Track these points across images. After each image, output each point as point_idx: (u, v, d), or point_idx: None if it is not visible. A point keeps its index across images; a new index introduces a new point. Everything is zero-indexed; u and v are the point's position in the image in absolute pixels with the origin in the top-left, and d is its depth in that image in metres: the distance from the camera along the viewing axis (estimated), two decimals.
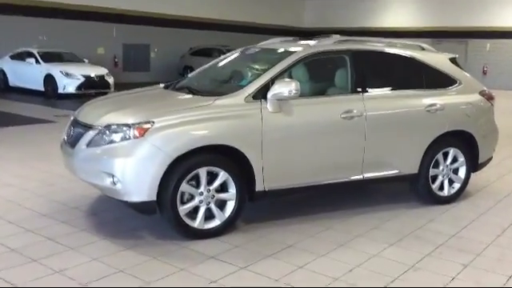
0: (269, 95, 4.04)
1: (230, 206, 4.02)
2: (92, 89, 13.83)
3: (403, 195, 5.26)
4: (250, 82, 4.18)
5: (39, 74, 14.06)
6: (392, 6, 27.80)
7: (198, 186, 3.88)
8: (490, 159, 5.45)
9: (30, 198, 4.78)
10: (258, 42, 5.61)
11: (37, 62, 14.32)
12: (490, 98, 5.29)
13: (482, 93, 5.24)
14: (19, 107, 11.91)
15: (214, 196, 3.93)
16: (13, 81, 14.92)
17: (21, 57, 14.78)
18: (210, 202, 3.92)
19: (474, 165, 5.20)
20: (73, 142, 4.01)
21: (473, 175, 5.30)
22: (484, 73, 25.61)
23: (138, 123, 3.69)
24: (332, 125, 4.35)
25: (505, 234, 4.30)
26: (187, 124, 3.75)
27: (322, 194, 5.06)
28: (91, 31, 19.69)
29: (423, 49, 5.22)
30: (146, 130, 3.66)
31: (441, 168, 4.99)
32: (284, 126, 4.13)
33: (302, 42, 4.90)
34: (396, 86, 4.82)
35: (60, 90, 13.71)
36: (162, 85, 4.92)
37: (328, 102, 4.44)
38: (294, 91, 3.99)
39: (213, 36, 22.94)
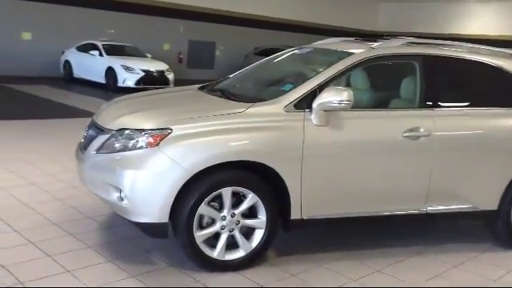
0: (314, 105, 3.32)
1: (259, 235, 3.35)
2: (151, 84, 13.62)
3: (475, 235, 4.34)
4: (293, 87, 3.48)
5: (101, 66, 14.08)
6: (478, 12, 25.73)
7: (220, 208, 3.24)
8: None
9: (46, 202, 4.36)
10: None
11: (100, 54, 14.37)
12: None
13: None
14: (78, 99, 11.89)
15: (239, 222, 3.28)
16: (77, 72, 15.08)
17: (86, 49, 14.90)
18: (233, 229, 3.27)
19: None
20: (85, 146, 3.50)
21: None
22: None
23: (154, 129, 3.10)
24: (391, 145, 3.56)
25: None
26: (211, 134, 3.12)
27: (374, 226, 4.26)
28: (158, 27, 19.74)
29: None
30: (162, 138, 3.07)
31: None
32: (331, 142, 3.39)
33: (364, 43, 4.12)
34: (476, 102, 3.92)
35: (120, 84, 13.64)
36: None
37: (388, 117, 3.64)
38: (345, 101, 3.25)
39: (279, 36, 22.30)
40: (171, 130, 3.08)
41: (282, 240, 3.77)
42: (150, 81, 13.83)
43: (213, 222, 3.25)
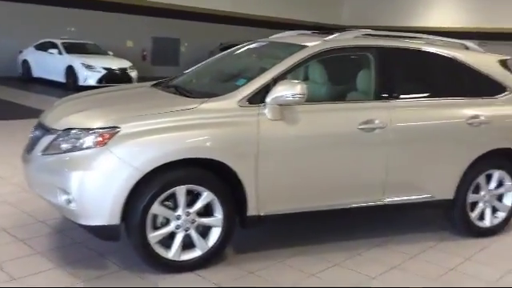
0: (268, 99, 3.27)
1: (215, 234, 3.27)
2: (113, 82, 13.27)
3: (434, 224, 4.39)
4: (247, 82, 3.41)
5: (61, 65, 13.70)
6: (437, 4, 26.26)
7: (175, 207, 3.16)
8: None
9: None
10: None
11: (59, 52, 13.98)
12: None
13: None
14: (36, 99, 11.52)
15: (194, 221, 3.20)
16: (36, 71, 14.63)
17: (44, 47, 14.46)
18: (189, 228, 3.19)
19: None
20: (31, 147, 3.34)
21: None
22: None
23: (101, 128, 2.98)
24: (347, 137, 3.54)
25: None
26: (162, 132, 3.02)
27: (333, 219, 4.24)
28: (121, 24, 19.34)
29: (467, 48, 4.32)
30: (110, 137, 2.95)
31: (482, 193, 4.09)
32: (286, 137, 3.34)
33: (319, 36, 4.07)
34: (431, 93, 3.96)
35: (81, 83, 13.28)
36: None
37: (343, 110, 3.62)
38: (298, 95, 3.21)
39: (244, 32, 22.17)
40: (120, 128, 2.97)
41: (241, 237, 3.72)
42: (113, 79, 13.50)
43: (167, 221, 3.16)
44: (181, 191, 3.10)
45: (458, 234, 4.15)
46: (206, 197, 3.18)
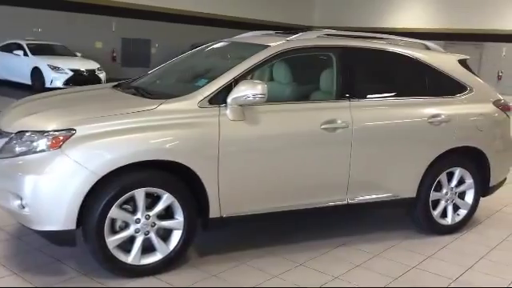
0: (229, 99, 3.24)
1: (176, 237, 3.22)
2: (81, 84, 12.95)
3: (399, 222, 4.43)
4: (207, 82, 3.37)
5: (26, 66, 13.39)
6: (407, 6, 26.71)
7: (134, 211, 3.09)
8: (504, 181, 4.60)
9: None
10: None
11: (25, 54, 13.66)
12: (506, 108, 4.43)
13: (496, 102, 4.38)
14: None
15: (154, 224, 3.14)
16: (1, 73, 14.25)
17: (9, 49, 14.11)
18: (149, 232, 3.13)
19: (484, 188, 4.35)
20: None
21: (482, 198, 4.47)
22: (499, 78, 24.58)
23: (56, 131, 2.90)
24: (309, 137, 3.53)
25: None
26: (119, 133, 2.95)
27: (298, 219, 4.24)
28: (89, 24, 19.01)
29: (428, 48, 4.38)
30: (65, 139, 2.87)
31: (444, 191, 4.15)
32: (248, 137, 3.32)
33: (283, 36, 4.06)
34: (393, 93, 3.99)
35: (47, 85, 13.00)
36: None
37: (306, 110, 3.61)
38: (259, 95, 3.19)
39: (216, 32, 22.03)
40: (75, 130, 2.89)
41: (206, 239, 3.69)
42: (80, 80, 13.24)
43: (126, 225, 3.09)
44: (140, 194, 3.04)
45: (422, 232, 4.20)
46: (165, 199, 3.13)
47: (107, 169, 2.89)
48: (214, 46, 4.33)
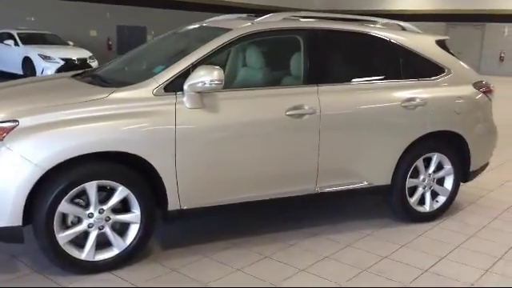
0: (185, 86, 3.09)
1: (134, 231, 3.10)
2: None
3: (377, 210, 4.29)
4: (164, 69, 3.22)
5: (17, 56, 13.28)
6: None
7: (87, 205, 2.97)
8: (486, 166, 4.44)
9: None
10: None
11: (16, 43, 13.53)
12: (487, 90, 4.25)
13: (477, 84, 4.20)
14: None
15: (109, 218, 3.02)
16: None
17: (1, 38, 13.97)
18: (103, 226, 3.01)
19: (464, 173, 4.19)
20: None
21: (463, 184, 4.33)
22: (501, 59, 24.21)
23: None
24: (274, 125, 3.38)
25: (495, 269, 3.32)
26: (65, 124, 2.81)
27: (269, 209, 4.10)
28: (83, 12, 18.85)
29: (403, 29, 4.19)
30: (7, 131, 2.73)
31: (421, 178, 4.00)
32: (207, 126, 3.17)
33: (252, 19, 3.88)
34: (364, 76, 3.81)
35: (38, 74, 12.87)
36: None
37: (270, 96, 3.44)
38: (216, 81, 3.03)
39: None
40: (17, 122, 2.75)
41: (169, 232, 3.58)
42: (72, 69, 13.06)
43: (79, 220, 2.97)
44: (91, 187, 2.91)
45: (399, 220, 4.06)
46: (120, 192, 3.00)
47: (53, 162, 2.75)
48: (181, 31, 4.16)
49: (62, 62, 13.07)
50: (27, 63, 13.12)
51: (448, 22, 24.95)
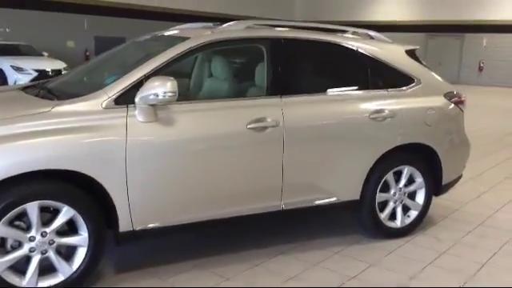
0: (136, 99, 2.89)
1: (81, 255, 2.88)
2: None
3: (349, 225, 4.12)
4: (115, 80, 3.02)
5: None
6: None
7: (29, 228, 2.74)
8: (459, 178, 4.31)
9: None
10: None
11: None
12: (459, 101, 4.13)
13: (448, 95, 4.08)
14: None
15: (53, 241, 2.79)
16: None
17: None
18: (47, 250, 2.78)
19: (436, 187, 4.05)
20: None
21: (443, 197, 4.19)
22: (480, 69, 24.50)
23: None
24: (234, 139, 3.19)
25: None
26: (2, 141, 2.59)
27: (230, 229, 3.91)
28: (60, 23, 18.59)
29: (372, 38, 4.06)
30: None
31: (392, 192, 3.85)
32: (161, 141, 2.97)
33: (211, 27, 3.71)
34: (329, 87, 3.65)
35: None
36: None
37: (230, 108, 3.26)
38: (169, 93, 2.85)
39: None
40: None
41: (126, 253, 3.36)
42: None
43: (20, 244, 2.74)
44: (32, 208, 2.69)
45: (369, 236, 3.89)
46: (64, 213, 2.78)
47: None
48: (140, 40, 3.98)
49: (36, 74, 12.76)
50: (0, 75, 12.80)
51: (427, 32, 25.19)
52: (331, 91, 3.63)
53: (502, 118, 10.11)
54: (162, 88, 2.84)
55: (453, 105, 4.08)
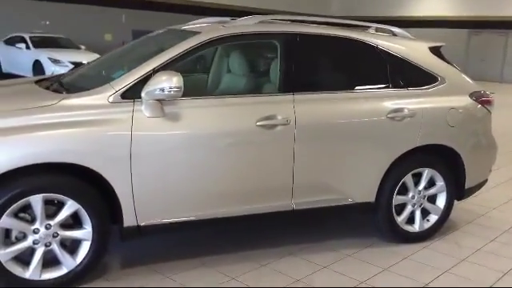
0: (143, 93, 2.86)
1: (85, 248, 2.88)
2: None
3: (362, 227, 3.99)
4: (123, 74, 3.00)
5: (28, 59, 13.33)
6: None
7: (34, 220, 2.76)
8: (484, 183, 4.09)
9: None
10: None
11: (27, 47, 13.59)
12: (485, 102, 3.92)
13: (474, 95, 3.87)
14: None
15: (57, 234, 2.81)
16: (5, 67, 14.29)
17: (13, 42, 14.08)
18: (51, 243, 2.80)
19: (458, 191, 3.86)
20: None
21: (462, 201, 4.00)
22: None
23: None
24: (242, 136, 3.12)
25: None
26: (8, 133, 2.61)
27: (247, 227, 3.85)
28: (99, 17, 18.94)
29: (394, 34, 3.90)
30: None
31: (410, 195, 3.69)
32: (167, 137, 2.94)
33: (228, 22, 3.64)
34: (346, 85, 3.53)
35: None
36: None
37: (239, 104, 3.18)
38: (174, 88, 2.80)
39: None
40: None
41: (133, 248, 3.35)
42: None
43: (25, 236, 2.77)
44: (36, 201, 2.70)
45: (385, 240, 3.75)
46: (69, 207, 2.79)
47: None
48: (154, 34, 3.96)
49: (71, 66, 13.04)
50: (38, 66, 13.15)
51: (470, 29, 24.31)
52: (346, 89, 3.50)
53: None
54: (168, 83, 2.80)
55: (479, 105, 3.87)
